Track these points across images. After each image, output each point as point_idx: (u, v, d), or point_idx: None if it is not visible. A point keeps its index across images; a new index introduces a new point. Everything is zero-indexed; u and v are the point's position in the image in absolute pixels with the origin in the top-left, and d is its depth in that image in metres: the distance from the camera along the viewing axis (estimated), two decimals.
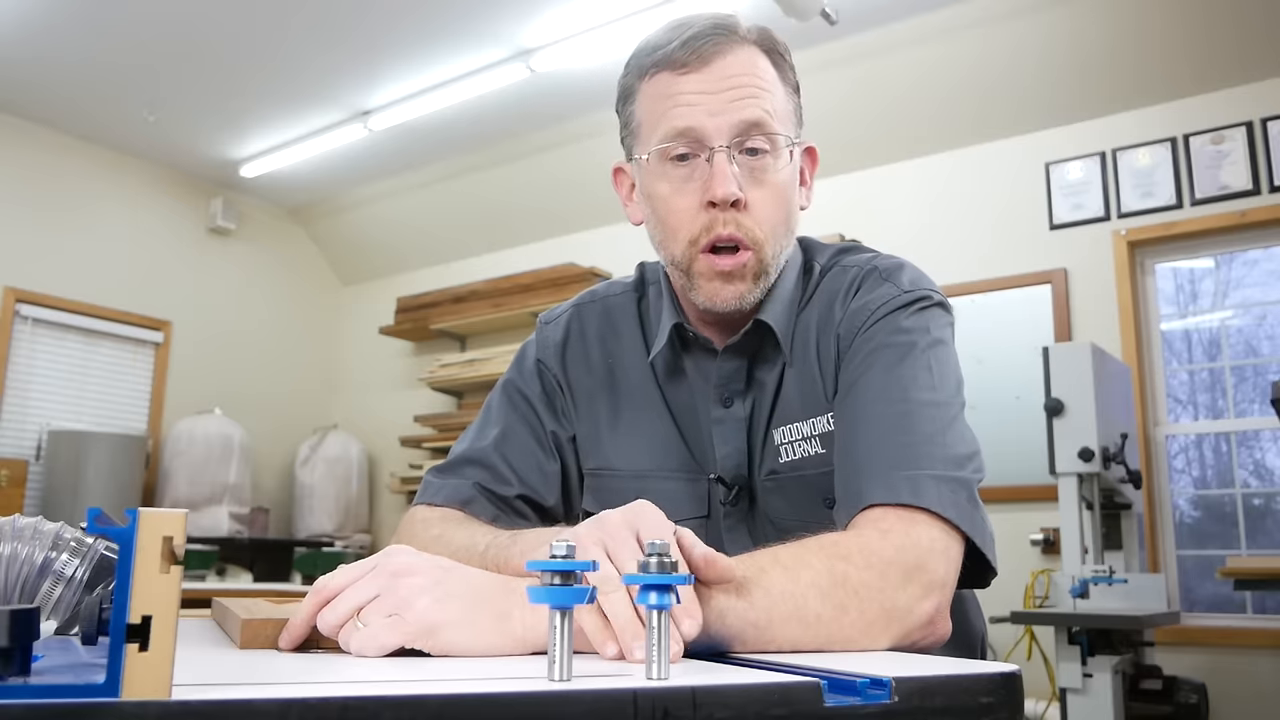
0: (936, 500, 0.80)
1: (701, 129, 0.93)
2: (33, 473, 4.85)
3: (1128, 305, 3.70)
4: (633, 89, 1.00)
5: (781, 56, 0.99)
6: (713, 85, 0.93)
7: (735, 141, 0.93)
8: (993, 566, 0.84)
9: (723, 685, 0.43)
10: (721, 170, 0.92)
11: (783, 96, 0.98)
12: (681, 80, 0.94)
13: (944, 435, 0.86)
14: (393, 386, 5.99)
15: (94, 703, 0.33)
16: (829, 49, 3.98)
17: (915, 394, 0.89)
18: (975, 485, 0.85)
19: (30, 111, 4.94)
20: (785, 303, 1.01)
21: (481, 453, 1.07)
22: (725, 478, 1.01)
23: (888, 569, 0.74)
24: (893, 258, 1.03)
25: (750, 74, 0.94)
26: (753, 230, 0.95)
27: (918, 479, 0.82)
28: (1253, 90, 3.58)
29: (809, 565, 0.72)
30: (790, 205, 0.98)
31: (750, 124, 0.93)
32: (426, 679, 0.49)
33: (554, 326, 1.14)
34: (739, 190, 0.93)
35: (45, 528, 0.66)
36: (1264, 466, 3.70)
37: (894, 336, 0.93)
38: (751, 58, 0.96)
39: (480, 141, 5.08)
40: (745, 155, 0.94)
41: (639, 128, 1.00)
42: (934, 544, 0.78)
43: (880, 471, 0.83)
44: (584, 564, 0.50)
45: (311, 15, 3.99)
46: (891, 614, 0.72)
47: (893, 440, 0.85)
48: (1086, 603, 2.81)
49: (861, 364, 0.93)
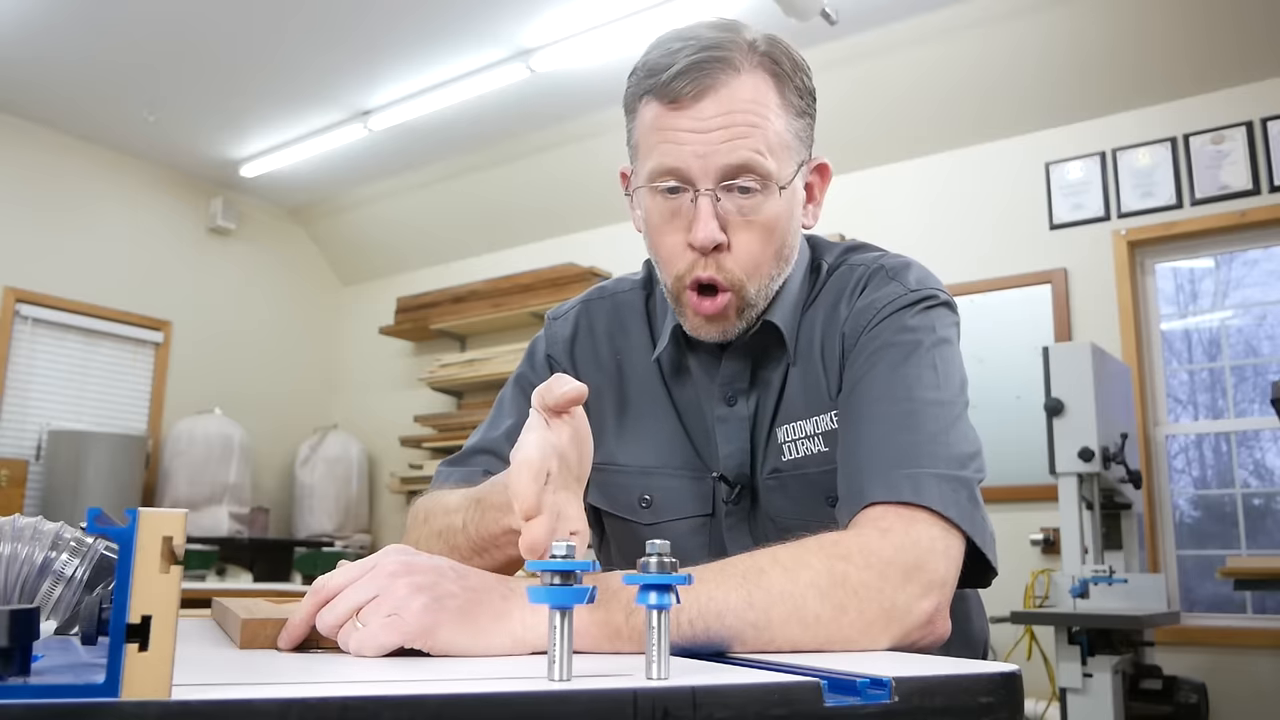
0: (938, 499, 0.80)
1: (687, 170, 0.91)
2: (33, 473, 4.85)
3: (1128, 305, 3.70)
4: (632, 106, 0.99)
5: (788, 76, 0.95)
6: (704, 123, 0.90)
7: (723, 185, 0.91)
8: (993, 566, 0.84)
9: (723, 685, 0.43)
10: (704, 215, 0.91)
11: (783, 126, 0.94)
12: (673, 116, 0.92)
13: (947, 434, 0.86)
14: (393, 386, 5.98)
15: (94, 703, 0.33)
16: (829, 49, 3.98)
17: (919, 393, 0.89)
18: (976, 485, 0.85)
19: (30, 111, 4.94)
20: (792, 303, 1.02)
21: (493, 442, 1.08)
22: (728, 476, 1.02)
23: (887, 568, 0.73)
24: (900, 256, 1.03)
25: (745, 109, 0.91)
26: (733, 273, 0.94)
27: (919, 477, 0.81)
28: (1253, 90, 3.58)
29: (808, 565, 0.72)
30: (782, 239, 0.96)
31: (738, 166, 0.91)
32: (426, 679, 0.49)
33: (563, 322, 1.15)
34: (720, 235, 0.92)
35: (45, 528, 0.66)
36: (1264, 466, 3.70)
37: (899, 335, 0.93)
38: (750, 87, 0.91)
39: (480, 141, 5.08)
40: (735, 194, 0.92)
41: (636, 148, 0.99)
42: (934, 543, 0.78)
43: (881, 470, 0.83)
44: (584, 564, 0.50)
45: (311, 15, 3.99)
46: (891, 614, 0.72)
47: (895, 439, 0.85)
48: (1086, 603, 2.81)
49: (866, 362, 0.93)
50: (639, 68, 0.97)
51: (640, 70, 0.96)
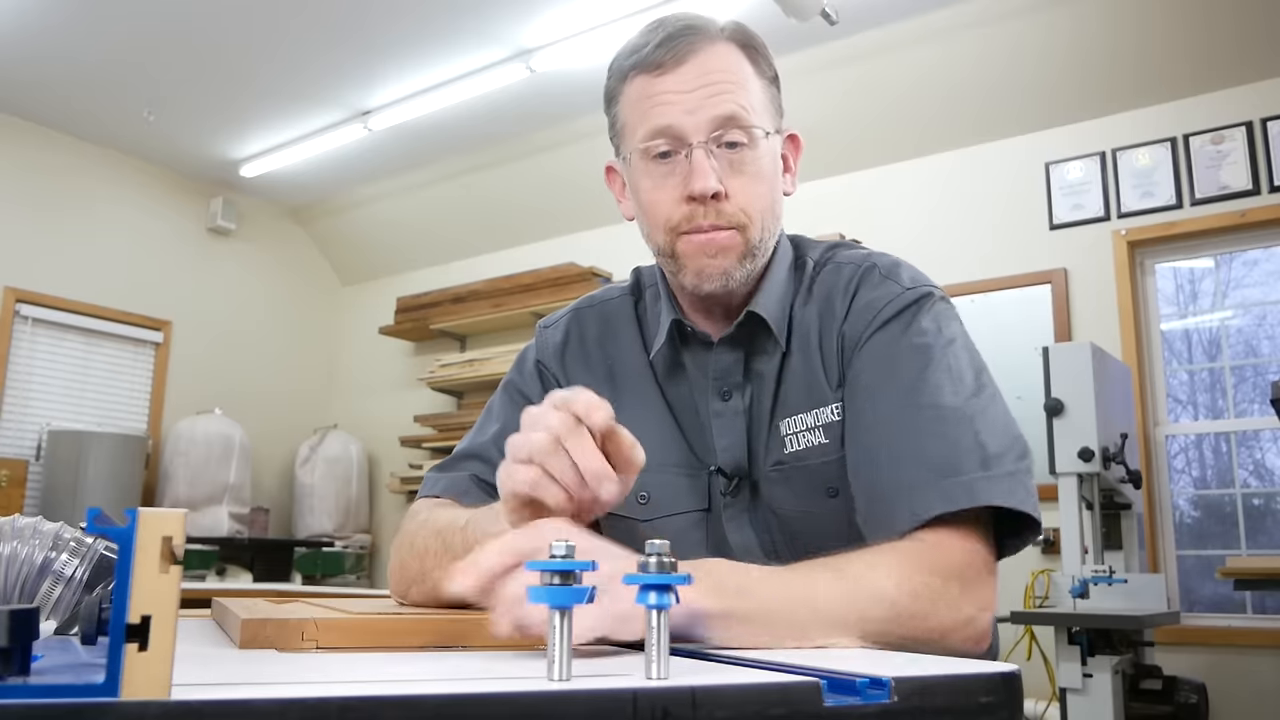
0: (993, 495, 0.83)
1: (679, 126, 0.96)
2: (33, 473, 4.85)
3: (1128, 305, 3.70)
4: (615, 92, 1.03)
5: (757, 50, 1.01)
6: (688, 84, 0.96)
7: (713, 136, 0.95)
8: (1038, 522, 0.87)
9: (722, 685, 0.43)
10: (700, 165, 0.95)
11: (759, 89, 1.00)
12: (658, 81, 0.97)
13: (978, 434, 0.88)
14: (393, 386, 5.99)
15: (93, 703, 0.33)
16: (829, 49, 3.98)
17: (942, 399, 0.90)
18: (1024, 469, 0.87)
19: (30, 111, 4.95)
20: (778, 295, 1.03)
21: (481, 447, 1.10)
22: (725, 469, 1.03)
23: (957, 582, 0.79)
24: (886, 255, 1.05)
25: (724, 70, 0.97)
26: (735, 215, 0.97)
27: (972, 484, 0.84)
28: (1253, 90, 3.58)
29: (899, 570, 0.77)
30: (773, 191, 1.01)
31: (726, 118, 0.95)
32: (426, 679, 0.49)
33: (553, 330, 1.17)
34: (718, 183, 0.95)
35: (45, 528, 0.67)
36: (1264, 466, 3.70)
37: (910, 342, 0.95)
38: (725, 54, 0.98)
39: (480, 141, 5.08)
40: (724, 149, 0.96)
41: (623, 129, 1.03)
42: (988, 560, 0.84)
43: (929, 482, 0.85)
44: (584, 564, 0.50)
45: (311, 15, 4.00)
46: (966, 621, 0.78)
47: (932, 448, 0.87)
48: (1086, 603, 2.81)
49: (883, 373, 0.95)
50: (618, 56, 1.03)
51: (620, 55, 1.02)
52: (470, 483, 1.07)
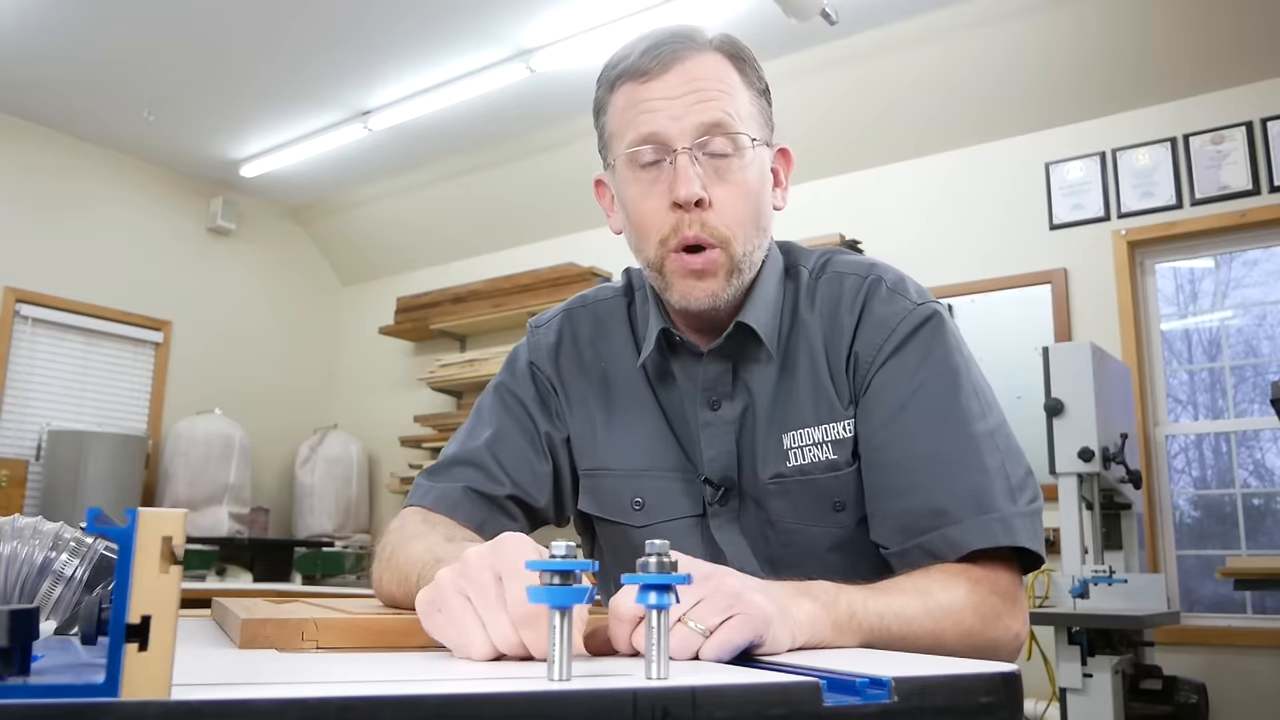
0: (1026, 538, 0.90)
1: (665, 132, 0.95)
2: (33, 473, 4.85)
3: (1128, 305, 3.70)
4: (603, 102, 1.03)
5: (745, 61, 1.01)
6: (674, 90, 0.96)
7: (698, 143, 0.95)
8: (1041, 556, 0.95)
9: (722, 685, 0.43)
10: (684, 171, 0.94)
11: (747, 100, 0.99)
12: (644, 88, 0.97)
13: (1004, 464, 0.94)
14: (392, 386, 5.99)
15: (93, 703, 0.34)
16: (829, 49, 3.98)
17: (973, 426, 0.94)
18: (1037, 513, 0.94)
19: (30, 111, 4.95)
20: (768, 305, 1.02)
21: (473, 453, 1.08)
22: (712, 479, 1.02)
23: (1003, 601, 0.88)
24: (884, 264, 1.05)
25: (711, 77, 0.96)
26: (718, 229, 0.96)
27: (1008, 521, 0.90)
28: (1253, 90, 3.58)
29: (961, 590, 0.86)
30: (759, 203, 0.99)
31: (712, 124, 0.95)
32: (426, 679, 0.49)
33: (545, 330, 1.15)
34: (701, 190, 0.94)
35: (45, 528, 0.67)
36: (1264, 466, 3.70)
37: (935, 365, 0.97)
38: (713, 62, 0.98)
39: (480, 141, 5.08)
40: (709, 157, 0.96)
41: (610, 138, 1.02)
42: (1017, 579, 0.92)
43: (961, 517, 0.90)
44: (584, 564, 0.50)
45: (311, 15, 4.00)
46: (1011, 637, 0.88)
47: (961, 481, 0.92)
48: (1086, 603, 2.81)
49: (909, 394, 0.96)
50: (606, 66, 1.03)
51: (608, 66, 1.02)
52: (462, 494, 1.05)
